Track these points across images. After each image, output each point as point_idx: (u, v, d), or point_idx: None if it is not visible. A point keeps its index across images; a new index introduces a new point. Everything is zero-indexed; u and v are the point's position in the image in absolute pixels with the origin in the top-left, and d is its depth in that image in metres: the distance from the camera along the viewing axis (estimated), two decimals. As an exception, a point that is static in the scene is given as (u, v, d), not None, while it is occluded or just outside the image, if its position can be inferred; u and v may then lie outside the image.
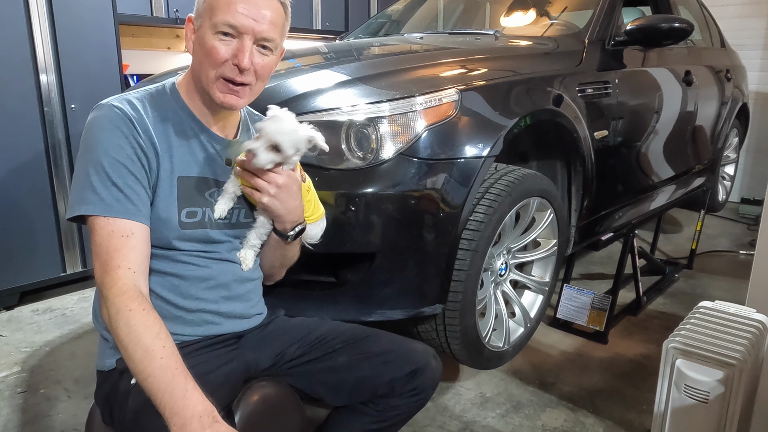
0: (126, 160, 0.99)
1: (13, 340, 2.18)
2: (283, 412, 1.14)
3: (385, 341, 1.19)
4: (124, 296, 0.94)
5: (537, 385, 1.90)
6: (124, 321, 0.92)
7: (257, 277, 1.22)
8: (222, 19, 1.00)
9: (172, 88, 1.11)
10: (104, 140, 0.99)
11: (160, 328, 0.94)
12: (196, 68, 1.06)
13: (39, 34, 2.32)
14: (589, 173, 2.13)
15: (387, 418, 1.17)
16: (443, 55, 2.00)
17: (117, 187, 0.98)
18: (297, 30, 4.13)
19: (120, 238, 0.97)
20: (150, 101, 1.07)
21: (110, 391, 1.05)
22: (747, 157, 4.45)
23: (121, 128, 1.00)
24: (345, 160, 1.51)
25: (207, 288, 1.10)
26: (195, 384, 0.90)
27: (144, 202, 1.01)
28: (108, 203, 0.98)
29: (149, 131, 1.03)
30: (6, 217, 2.34)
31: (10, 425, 1.69)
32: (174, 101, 1.09)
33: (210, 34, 1.02)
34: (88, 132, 1.02)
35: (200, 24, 1.04)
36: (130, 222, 0.99)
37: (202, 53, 1.03)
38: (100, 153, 0.99)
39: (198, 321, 1.10)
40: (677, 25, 2.31)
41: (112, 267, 0.96)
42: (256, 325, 1.20)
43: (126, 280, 0.95)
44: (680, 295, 2.68)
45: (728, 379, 1.28)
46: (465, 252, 1.62)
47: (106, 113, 1.01)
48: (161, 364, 0.89)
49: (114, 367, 1.05)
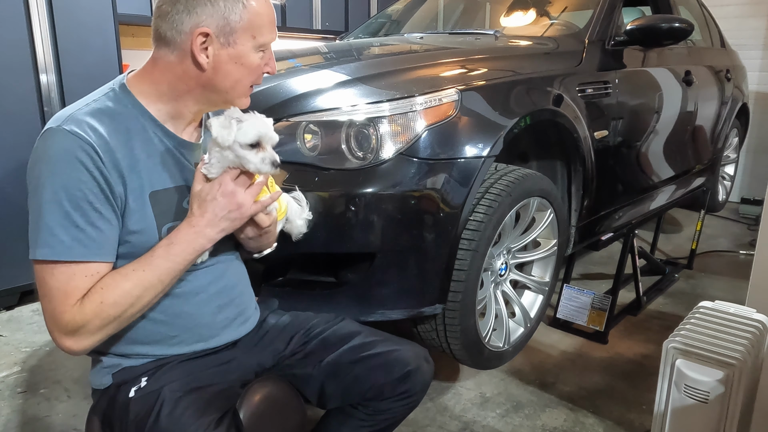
0: (89, 195, 0.91)
1: (13, 340, 2.18)
2: (285, 411, 1.14)
3: (376, 342, 1.17)
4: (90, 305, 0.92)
5: (537, 385, 1.90)
6: (106, 307, 0.92)
7: (245, 277, 1.20)
8: (269, 38, 1.02)
9: (125, 90, 1.01)
10: (62, 174, 0.90)
11: (116, 273, 0.94)
12: (227, 84, 1.01)
13: (39, 35, 2.32)
14: (589, 173, 2.13)
15: (378, 422, 1.16)
16: (443, 55, 2.00)
17: (77, 227, 0.90)
18: (297, 30, 4.13)
19: (83, 278, 0.92)
20: (108, 114, 0.97)
21: (108, 406, 1.04)
22: (747, 157, 4.45)
23: (80, 158, 0.90)
24: (345, 160, 1.51)
25: (200, 302, 1.07)
26: None
27: (108, 239, 0.94)
28: (68, 246, 0.90)
29: (111, 153, 0.93)
30: (6, 217, 2.34)
31: (10, 425, 1.69)
32: (132, 107, 1.00)
33: (254, 53, 1.01)
34: (40, 163, 0.91)
35: (233, 41, 0.98)
36: (95, 264, 0.93)
37: (244, 70, 1.02)
38: (57, 189, 0.89)
39: (194, 338, 1.08)
40: (677, 25, 2.31)
41: (69, 305, 0.91)
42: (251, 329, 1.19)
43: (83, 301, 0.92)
44: (680, 295, 2.68)
45: (728, 379, 1.28)
46: (465, 252, 1.62)
47: (61, 141, 0.91)
48: (144, 269, 0.94)
49: (111, 383, 1.04)
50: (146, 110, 1.01)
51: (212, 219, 0.98)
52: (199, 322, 1.08)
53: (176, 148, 1.04)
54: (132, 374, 1.03)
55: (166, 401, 0.98)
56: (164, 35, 0.98)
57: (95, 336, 0.93)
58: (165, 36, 0.98)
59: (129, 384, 1.02)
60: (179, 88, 1.01)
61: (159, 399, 0.98)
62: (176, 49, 0.98)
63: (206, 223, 0.98)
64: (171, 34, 0.97)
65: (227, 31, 0.98)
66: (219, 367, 1.10)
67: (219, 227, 0.99)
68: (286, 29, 4.03)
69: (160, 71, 1.01)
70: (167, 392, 0.99)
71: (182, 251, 0.96)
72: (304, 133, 1.53)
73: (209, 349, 1.10)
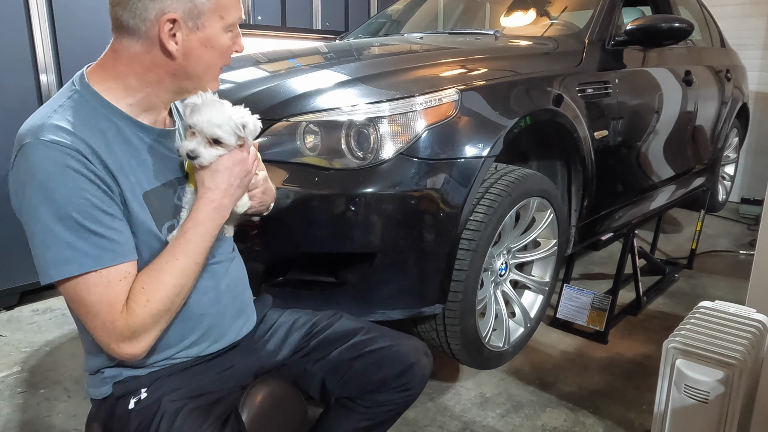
0: (94, 199, 0.87)
1: (13, 340, 2.18)
2: (287, 410, 1.14)
3: (376, 338, 1.18)
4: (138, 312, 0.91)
5: (537, 385, 1.90)
6: (155, 303, 0.92)
7: (245, 275, 1.20)
8: (236, 16, 0.98)
9: (88, 89, 0.95)
10: (60, 188, 0.85)
11: (150, 270, 0.93)
12: (198, 69, 0.97)
13: (39, 34, 2.32)
14: (589, 173, 2.13)
15: (376, 415, 1.16)
16: (443, 55, 2.00)
17: (97, 234, 0.87)
18: (297, 30, 4.13)
19: (119, 283, 0.89)
20: (79, 116, 0.91)
21: (108, 416, 1.02)
22: (747, 157, 4.44)
23: (72, 166, 0.85)
24: (345, 160, 1.51)
25: (210, 301, 1.06)
26: None
27: (127, 237, 0.92)
28: (94, 255, 0.87)
29: (97, 155, 0.89)
30: (6, 217, 2.34)
31: (10, 425, 1.69)
32: (101, 106, 0.94)
33: (223, 34, 0.97)
34: (32, 182, 0.85)
35: (200, 24, 0.94)
36: (124, 265, 0.90)
37: (216, 54, 0.97)
38: (62, 203, 0.85)
39: (203, 339, 1.07)
40: (677, 25, 2.31)
41: (117, 313, 0.88)
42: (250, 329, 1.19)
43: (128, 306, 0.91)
44: (680, 295, 2.68)
45: (728, 379, 1.28)
46: (465, 252, 1.62)
47: (45, 154, 0.85)
48: (178, 257, 0.94)
49: (110, 393, 1.02)
50: (116, 108, 0.95)
51: (228, 188, 0.99)
52: (210, 323, 1.07)
53: (156, 140, 1.01)
54: (132, 385, 1.02)
55: (166, 413, 0.97)
56: (126, 24, 0.91)
57: (152, 334, 0.93)
58: (127, 25, 0.91)
59: (129, 395, 1.01)
60: (148, 79, 0.96)
61: (159, 411, 0.98)
62: (141, 38, 0.92)
63: (223, 194, 0.99)
64: (134, 23, 0.91)
65: (195, 14, 0.93)
66: (219, 374, 1.09)
67: (234, 196, 1.01)
68: (286, 29, 4.03)
69: (124, 64, 0.94)
70: (167, 403, 0.99)
71: (208, 230, 0.97)
72: (304, 133, 1.53)
73: (215, 351, 1.10)
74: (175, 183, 1.03)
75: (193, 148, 0.96)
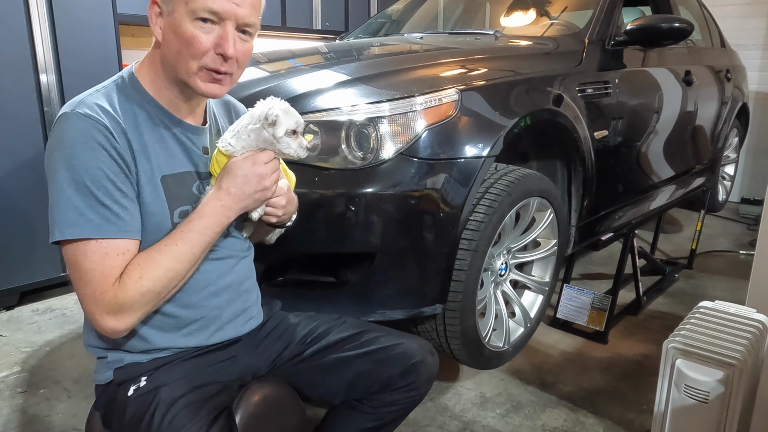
0: (109, 174, 0.92)
1: (13, 340, 2.18)
2: (283, 412, 1.14)
3: (381, 337, 1.18)
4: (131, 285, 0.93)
5: (537, 385, 1.90)
6: (147, 282, 0.93)
7: (253, 274, 1.21)
8: (201, 4, 0.92)
9: (132, 78, 1.01)
10: (81, 156, 0.90)
11: (150, 250, 0.96)
12: (170, 58, 0.97)
13: (39, 34, 2.32)
14: (589, 173, 2.13)
15: (383, 416, 1.16)
16: (443, 55, 2.00)
17: (104, 205, 0.91)
18: (297, 30, 4.13)
19: (116, 257, 0.92)
20: (118, 99, 0.98)
21: (108, 402, 1.05)
22: (747, 157, 4.45)
23: (97, 139, 0.91)
24: (345, 160, 1.51)
25: (208, 295, 1.07)
26: None
27: (134, 216, 0.95)
28: (97, 224, 0.90)
29: (124, 134, 0.95)
30: (6, 217, 2.34)
31: (10, 425, 1.69)
32: (138, 94, 1.00)
33: (188, 21, 0.93)
34: (59, 147, 0.91)
35: (172, 8, 0.93)
36: (124, 241, 0.93)
37: (180, 43, 0.94)
38: (79, 170, 0.90)
39: (199, 330, 1.08)
40: (677, 25, 2.31)
41: (109, 284, 0.91)
42: (254, 327, 1.19)
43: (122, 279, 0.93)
44: (680, 295, 2.68)
45: (728, 379, 1.28)
46: (465, 252, 1.62)
47: (76, 124, 0.92)
48: (177, 243, 0.96)
49: (111, 379, 1.05)
50: (152, 98, 1.01)
51: (240, 196, 1.00)
52: (206, 314, 1.08)
53: (183, 133, 1.05)
54: (133, 372, 1.03)
55: (161, 403, 0.98)
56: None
57: (137, 313, 0.94)
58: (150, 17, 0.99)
59: (129, 382, 1.03)
60: (166, 69, 1.01)
61: (155, 401, 0.98)
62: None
63: (233, 200, 1.00)
64: (149, 14, 0.98)
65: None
66: (218, 364, 1.10)
67: (243, 204, 1.02)
68: (286, 29, 4.03)
69: (152, 56, 1.02)
70: (164, 394, 0.99)
71: (211, 224, 0.99)
72: (305, 133, 1.53)
73: (213, 344, 1.10)
74: (196, 176, 1.06)
75: (230, 134, 1.03)
